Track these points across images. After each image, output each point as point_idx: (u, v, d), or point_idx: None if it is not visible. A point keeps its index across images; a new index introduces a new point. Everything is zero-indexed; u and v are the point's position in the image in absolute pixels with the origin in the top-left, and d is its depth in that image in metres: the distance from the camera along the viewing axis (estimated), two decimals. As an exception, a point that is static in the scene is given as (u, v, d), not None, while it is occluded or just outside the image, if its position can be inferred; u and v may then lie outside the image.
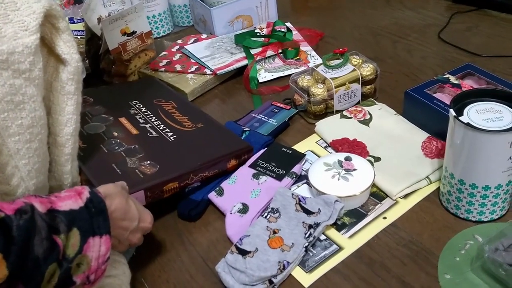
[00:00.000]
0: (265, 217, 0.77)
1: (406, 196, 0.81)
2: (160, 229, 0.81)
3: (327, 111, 1.01)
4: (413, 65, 1.15)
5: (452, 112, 0.69)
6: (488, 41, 1.21)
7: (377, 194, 0.82)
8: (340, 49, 1.03)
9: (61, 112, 0.67)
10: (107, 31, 1.11)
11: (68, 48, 0.66)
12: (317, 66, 1.03)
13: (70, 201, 0.56)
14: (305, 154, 0.89)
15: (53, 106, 0.68)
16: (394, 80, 1.10)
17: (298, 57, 1.21)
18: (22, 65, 0.58)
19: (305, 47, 1.24)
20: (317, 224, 0.74)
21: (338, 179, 0.79)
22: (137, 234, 0.68)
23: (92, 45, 1.21)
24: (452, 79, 0.93)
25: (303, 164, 0.88)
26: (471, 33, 1.25)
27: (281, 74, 1.17)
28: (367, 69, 1.00)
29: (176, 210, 0.83)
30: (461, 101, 0.72)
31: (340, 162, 0.82)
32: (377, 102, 1.00)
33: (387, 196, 0.81)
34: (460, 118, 0.68)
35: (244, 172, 0.86)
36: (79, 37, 1.27)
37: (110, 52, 1.14)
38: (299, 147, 0.94)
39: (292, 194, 0.79)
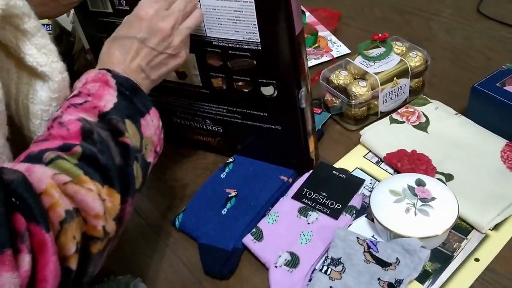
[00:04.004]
0: (325, 271, 0.58)
1: (496, 226, 0.63)
2: (183, 295, 0.61)
3: (369, 113, 0.81)
4: (456, 48, 0.96)
5: None
6: (534, 13, 1.04)
7: (459, 227, 0.64)
8: (379, 34, 0.83)
9: None
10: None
11: (45, 56, 0.50)
12: (352, 57, 0.83)
13: (107, 96, 0.50)
14: (364, 180, 0.70)
15: (34, 137, 0.52)
16: (439, 68, 0.90)
17: (317, 45, 1.00)
18: None
19: (323, 32, 1.04)
20: (399, 282, 0.56)
21: (415, 214, 0.60)
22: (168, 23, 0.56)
23: (62, 43, 0.97)
24: (528, 67, 0.75)
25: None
26: (514, 5, 1.07)
27: (300, 67, 0.96)
28: (416, 59, 0.81)
29: (202, 265, 0.63)
30: None
31: (411, 189, 0.63)
32: (431, 100, 0.81)
33: (473, 228, 0.63)
34: None
35: (287, 206, 0.66)
36: (43, 32, 1.03)
37: (87, 52, 0.91)
38: (344, 164, 0.74)
39: (358, 238, 0.60)
